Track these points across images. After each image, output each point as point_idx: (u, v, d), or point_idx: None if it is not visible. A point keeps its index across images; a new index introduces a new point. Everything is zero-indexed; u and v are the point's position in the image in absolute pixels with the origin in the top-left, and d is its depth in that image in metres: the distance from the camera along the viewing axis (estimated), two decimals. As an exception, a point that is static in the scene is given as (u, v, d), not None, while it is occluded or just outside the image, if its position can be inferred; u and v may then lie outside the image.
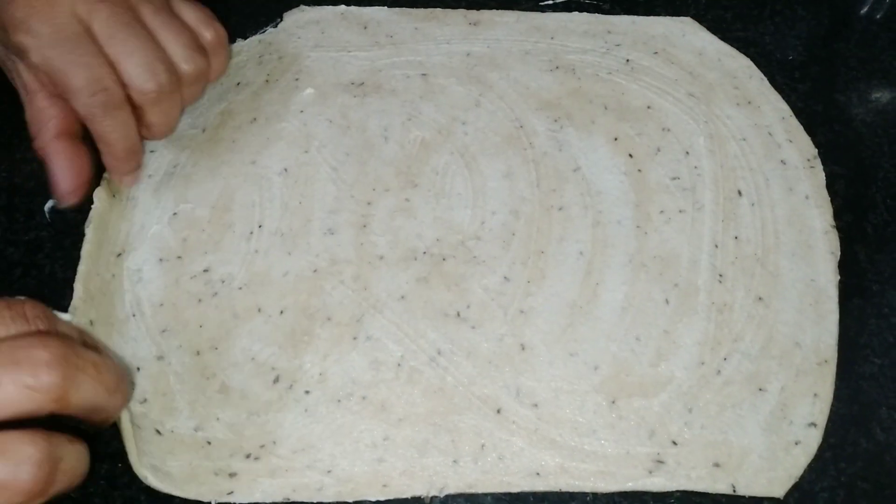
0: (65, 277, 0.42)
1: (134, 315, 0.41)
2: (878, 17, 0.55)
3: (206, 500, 0.36)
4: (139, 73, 0.40)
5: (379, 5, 0.53)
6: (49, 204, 0.44)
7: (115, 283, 0.42)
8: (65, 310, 0.39)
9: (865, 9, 0.56)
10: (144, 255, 0.43)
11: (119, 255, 0.43)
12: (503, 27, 0.52)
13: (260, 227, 0.44)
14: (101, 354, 0.33)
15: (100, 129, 0.40)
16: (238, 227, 0.44)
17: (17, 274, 0.42)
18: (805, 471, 0.38)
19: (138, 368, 0.39)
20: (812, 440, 0.39)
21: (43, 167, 0.45)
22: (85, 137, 0.42)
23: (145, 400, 0.38)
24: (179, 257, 0.43)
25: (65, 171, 0.41)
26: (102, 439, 0.38)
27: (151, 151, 0.46)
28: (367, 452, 0.38)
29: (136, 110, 0.41)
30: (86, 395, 0.31)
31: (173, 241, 0.43)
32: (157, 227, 0.44)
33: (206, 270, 0.42)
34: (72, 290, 0.41)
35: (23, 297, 0.32)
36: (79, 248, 0.43)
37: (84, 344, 0.34)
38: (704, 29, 0.53)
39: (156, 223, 0.44)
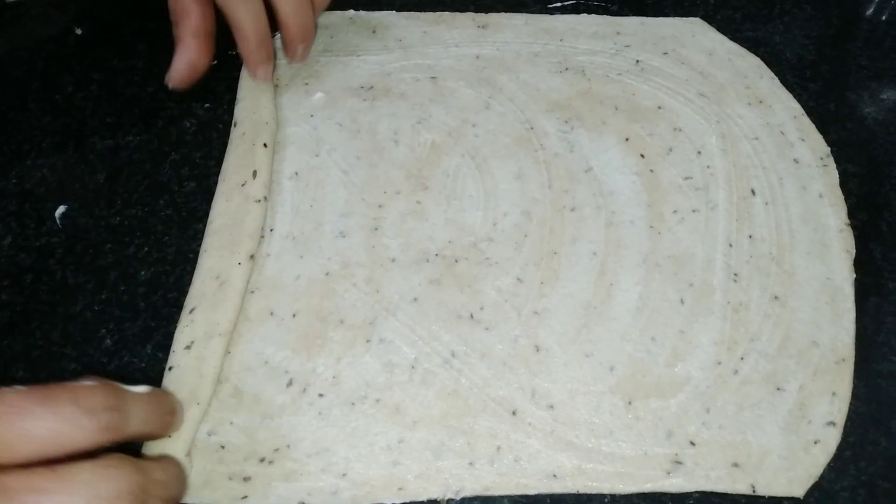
0: (76, 283, 0.42)
1: (146, 320, 0.41)
2: (883, 18, 0.55)
3: (220, 504, 0.36)
4: None
5: (388, 9, 0.53)
6: (60, 210, 0.44)
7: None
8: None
9: (871, 10, 0.56)
10: (156, 259, 0.43)
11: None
12: (512, 30, 0.52)
13: (271, 230, 0.44)
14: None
15: (235, 16, 0.45)
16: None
17: (28, 280, 0.42)
18: (825, 470, 0.38)
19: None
20: (831, 439, 0.38)
21: (53, 173, 0.46)
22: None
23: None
24: (191, 262, 0.43)
25: (185, 63, 0.47)
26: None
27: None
28: (382, 455, 0.37)
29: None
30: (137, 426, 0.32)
31: (185, 246, 0.43)
32: (169, 232, 0.43)
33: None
34: (82, 295, 0.42)
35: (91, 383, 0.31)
36: (90, 255, 0.43)
37: None
38: (714, 29, 0.53)
39: (167, 228, 0.44)
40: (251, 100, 0.47)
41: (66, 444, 0.29)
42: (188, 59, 0.47)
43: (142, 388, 0.33)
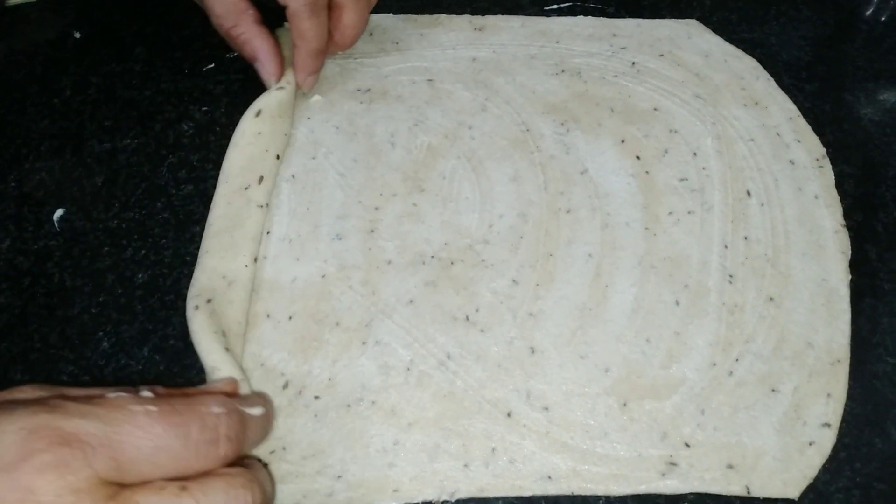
0: (74, 286, 0.42)
1: (143, 322, 0.41)
2: (882, 18, 0.55)
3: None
4: None
5: (384, 12, 0.53)
6: (58, 213, 0.45)
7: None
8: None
9: (870, 10, 0.56)
10: (153, 262, 0.43)
11: (128, 262, 0.43)
12: (508, 32, 0.53)
13: (268, 233, 0.44)
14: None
15: (303, 27, 0.46)
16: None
17: (26, 283, 0.42)
18: (820, 471, 0.38)
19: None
20: (826, 440, 0.38)
21: (51, 176, 0.46)
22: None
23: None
24: (188, 264, 0.43)
25: (271, 53, 0.47)
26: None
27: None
28: (378, 457, 0.37)
29: (332, 13, 0.48)
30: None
31: (182, 249, 0.43)
32: (166, 235, 0.44)
33: (214, 277, 0.42)
34: (80, 298, 0.42)
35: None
36: (87, 258, 0.43)
37: None
38: (710, 31, 0.53)
39: (164, 231, 0.44)
40: (279, 107, 0.46)
41: (188, 469, 0.29)
42: (271, 47, 0.47)
43: (258, 411, 0.33)
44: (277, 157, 0.45)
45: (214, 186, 0.45)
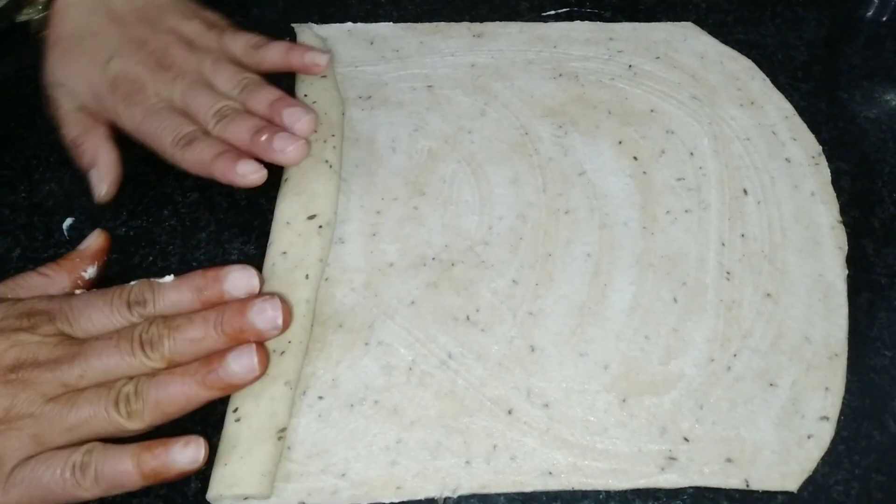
0: (83, 292, 0.43)
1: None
2: (883, 19, 0.56)
3: (222, 505, 0.37)
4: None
5: (385, 21, 0.54)
6: (67, 222, 0.46)
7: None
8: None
9: (871, 11, 0.56)
10: (160, 268, 0.44)
11: (135, 269, 0.44)
12: (506, 38, 0.53)
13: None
14: None
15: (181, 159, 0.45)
16: (250, 239, 0.45)
17: (37, 290, 0.43)
18: (818, 464, 0.38)
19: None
20: (825, 434, 0.39)
21: (60, 186, 0.47)
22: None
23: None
24: (194, 270, 0.44)
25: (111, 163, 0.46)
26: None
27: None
28: (381, 455, 0.38)
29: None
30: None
31: (188, 255, 0.44)
32: (172, 242, 0.45)
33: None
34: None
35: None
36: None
37: None
38: (705, 33, 0.53)
39: (170, 237, 0.45)
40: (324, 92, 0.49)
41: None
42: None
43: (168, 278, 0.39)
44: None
45: (219, 194, 0.46)
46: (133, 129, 0.45)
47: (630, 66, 0.52)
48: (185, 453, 0.35)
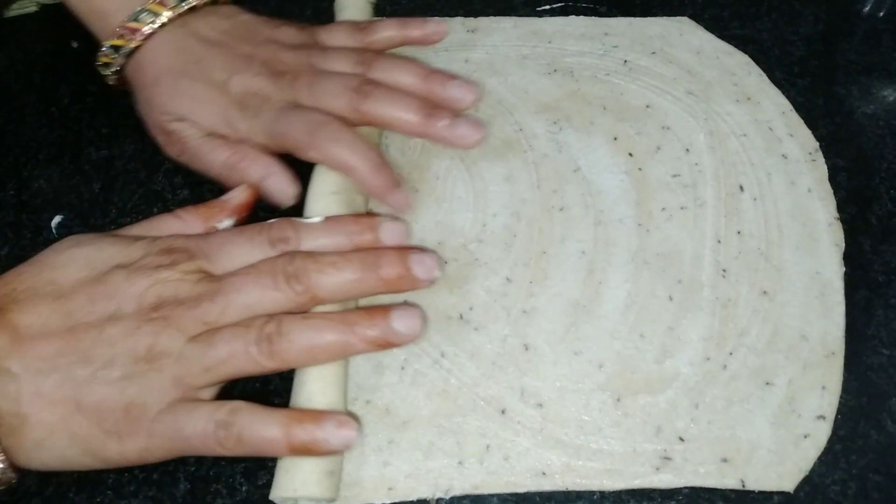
0: (72, 291, 0.42)
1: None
2: (880, 14, 0.55)
3: (213, 506, 0.37)
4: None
5: (378, 16, 0.54)
6: (56, 220, 0.45)
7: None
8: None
9: (868, 6, 0.56)
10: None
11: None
12: (501, 33, 0.53)
13: (263, 236, 0.44)
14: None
15: (337, 160, 0.42)
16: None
17: (25, 289, 0.43)
18: (815, 464, 0.38)
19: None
20: (821, 433, 0.38)
21: (49, 183, 0.47)
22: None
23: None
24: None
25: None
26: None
27: (155, 165, 0.47)
28: (373, 456, 0.38)
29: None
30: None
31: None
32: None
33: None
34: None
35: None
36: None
37: None
38: (702, 28, 0.53)
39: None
40: None
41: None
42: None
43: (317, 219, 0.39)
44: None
45: (210, 192, 0.45)
46: (267, 138, 0.43)
47: (625, 61, 0.51)
48: (339, 434, 0.34)
